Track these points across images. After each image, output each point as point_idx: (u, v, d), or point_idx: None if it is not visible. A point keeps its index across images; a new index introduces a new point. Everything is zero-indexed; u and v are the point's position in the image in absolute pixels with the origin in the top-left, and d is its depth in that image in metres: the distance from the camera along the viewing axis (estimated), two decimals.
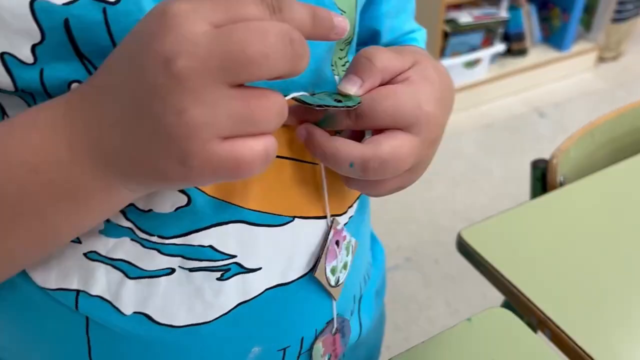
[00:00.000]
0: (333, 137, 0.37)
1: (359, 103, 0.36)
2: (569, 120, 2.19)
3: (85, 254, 0.38)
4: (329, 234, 0.43)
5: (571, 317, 0.55)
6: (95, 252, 0.38)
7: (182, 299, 0.39)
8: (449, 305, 1.54)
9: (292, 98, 0.36)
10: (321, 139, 0.37)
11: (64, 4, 0.30)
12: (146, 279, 0.38)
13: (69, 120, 0.29)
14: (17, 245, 0.33)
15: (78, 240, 0.38)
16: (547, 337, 0.55)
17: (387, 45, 0.54)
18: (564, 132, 2.09)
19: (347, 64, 0.44)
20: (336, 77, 0.43)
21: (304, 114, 0.38)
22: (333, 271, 0.44)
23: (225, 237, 0.39)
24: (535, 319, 0.56)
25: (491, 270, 0.60)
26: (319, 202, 0.43)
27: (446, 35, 2.05)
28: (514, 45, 2.28)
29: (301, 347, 0.46)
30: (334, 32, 0.31)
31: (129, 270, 0.38)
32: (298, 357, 0.46)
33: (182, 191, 0.37)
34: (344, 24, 0.31)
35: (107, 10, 0.31)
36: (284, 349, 0.45)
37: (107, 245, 0.38)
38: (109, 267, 0.38)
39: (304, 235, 0.42)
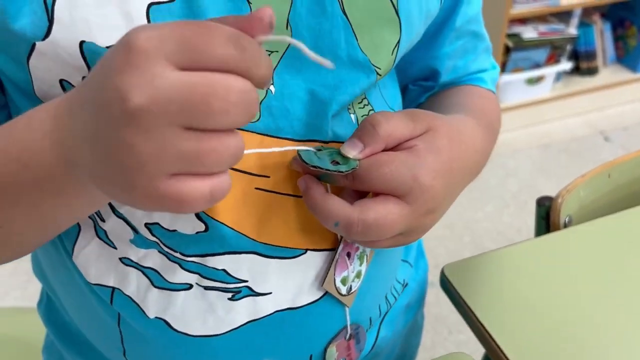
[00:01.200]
0: (326, 195, 0.39)
1: (354, 169, 0.38)
2: (636, 146, 2.06)
3: (120, 259, 0.43)
4: (338, 247, 0.44)
5: None
6: (128, 258, 0.42)
7: (197, 312, 0.43)
8: None
9: (297, 151, 0.39)
10: (314, 194, 0.39)
11: (108, 47, 0.34)
12: (168, 291, 0.43)
13: (54, 126, 0.32)
14: (21, 228, 0.36)
15: (113, 246, 0.42)
16: None
17: (447, 84, 0.54)
18: None
19: (364, 100, 0.45)
20: (352, 116, 0.44)
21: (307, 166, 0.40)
22: (344, 281, 0.46)
23: (237, 265, 0.42)
24: None
25: (468, 313, 0.58)
26: (331, 235, 0.45)
27: (508, 50, 1.98)
28: (583, 63, 2.17)
29: None
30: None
31: (156, 279, 0.42)
32: None
33: (201, 219, 0.40)
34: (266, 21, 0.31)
35: None
36: None
37: (138, 254, 0.42)
38: (139, 272, 0.43)
39: (316, 266, 0.45)
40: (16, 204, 0.34)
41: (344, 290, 0.46)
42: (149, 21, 0.35)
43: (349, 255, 0.45)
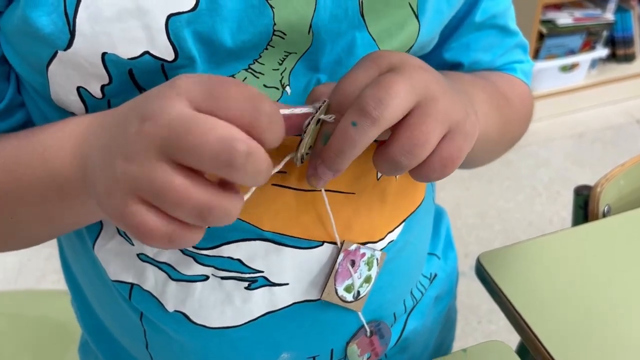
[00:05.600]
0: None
1: (325, 101, 0.36)
2: None
3: (137, 255, 0.43)
4: (337, 257, 0.44)
5: None
6: (144, 254, 0.43)
7: (214, 303, 0.43)
8: None
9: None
10: (325, 155, 0.36)
11: (129, 59, 0.35)
12: (185, 282, 0.43)
13: (83, 135, 0.35)
14: (28, 221, 0.39)
15: (131, 243, 0.43)
16: None
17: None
18: None
19: None
20: None
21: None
22: (349, 289, 0.45)
23: (252, 254, 0.42)
24: (541, 358, 0.52)
25: (504, 300, 0.57)
26: (350, 229, 0.44)
27: (542, 37, 1.94)
28: (620, 50, 2.12)
29: (331, 357, 0.48)
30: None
31: (172, 273, 0.43)
32: None
33: None
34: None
35: (164, 67, 0.36)
36: (314, 357, 0.47)
37: (153, 250, 0.43)
38: (155, 268, 0.43)
39: (333, 258, 0.44)
40: (29, 196, 0.37)
41: (349, 297, 0.45)
42: (167, 32, 0.35)
43: (353, 263, 0.44)
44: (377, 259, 0.46)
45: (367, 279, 0.46)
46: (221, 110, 0.29)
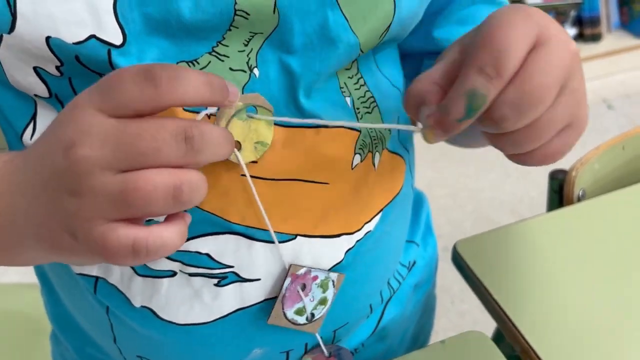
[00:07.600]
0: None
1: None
2: None
3: None
4: (284, 282, 0.42)
5: (556, 352, 0.51)
6: None
7: (182, 299, 0.42)
8: None
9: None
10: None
11: (74, 43, 0.34)
12: (151, 278, 0.42)
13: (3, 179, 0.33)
14: None
15: None
16: None
17: None
18: (633, 127, 1.96)
19: (360, 80, 0.43)
20: (347, 99, 0.42)
21: None
22: (300, 312, 0.43)
23: (221, 248, 0.40)
24: (519, 347, 0.52)
25: (480, 288, 0.57)
26: (324, 220, 0.43)
27: None
28: (587, 30, 2.14)
29: (305, 350, 0.47)
30: (228, 99, 0.32)
31: (138, 268, 0.42)
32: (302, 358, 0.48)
33: None
34: (235, 90, 0.32)
35: (111, 52, 0.34)
36: (287, 352, 0.47)
37: None
38: None
39: (307, 253, 0.42)
40: None
41: (301, 320, 0.44)
42: (116, 16, 0.34)
43: (304, 286, 0.43)
44: (332, 281, 0.44)
45: (322, 301, 0.44)
46: (123, 109, 0.29)
